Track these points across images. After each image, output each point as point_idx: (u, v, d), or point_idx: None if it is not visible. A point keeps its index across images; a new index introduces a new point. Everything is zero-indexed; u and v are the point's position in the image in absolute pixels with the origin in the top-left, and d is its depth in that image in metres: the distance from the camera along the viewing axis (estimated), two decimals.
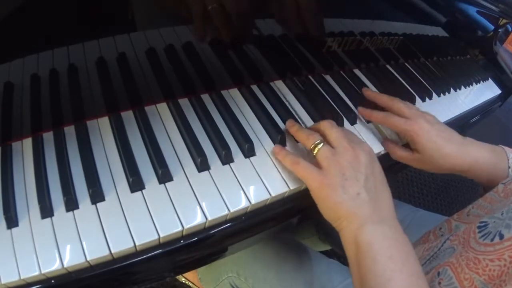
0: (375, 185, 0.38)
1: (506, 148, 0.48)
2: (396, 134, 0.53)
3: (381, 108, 0.52)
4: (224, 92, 0.49)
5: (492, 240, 0.34)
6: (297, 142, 0.46)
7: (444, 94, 0.71)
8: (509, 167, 0.47)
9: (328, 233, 0.74)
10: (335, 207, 0.36)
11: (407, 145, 0.49)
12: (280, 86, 0.54)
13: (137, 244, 0.33)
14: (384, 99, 0.52)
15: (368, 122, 0.54)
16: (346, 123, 0.52)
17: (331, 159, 0.38)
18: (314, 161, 0.40)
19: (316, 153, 0.39)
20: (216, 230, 0.38)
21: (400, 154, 0.48)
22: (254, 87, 0.51)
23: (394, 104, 0.49)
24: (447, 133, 0.46)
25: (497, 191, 0.44)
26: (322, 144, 0.39)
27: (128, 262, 0.34)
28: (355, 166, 0.38)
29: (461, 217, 0.47)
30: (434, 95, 0.68)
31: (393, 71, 0.69)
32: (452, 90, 0.74)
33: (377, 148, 0.50)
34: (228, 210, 0.37)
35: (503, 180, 0.45)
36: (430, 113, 0.49)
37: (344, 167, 0.37)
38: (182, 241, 0.36)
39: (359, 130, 0.52)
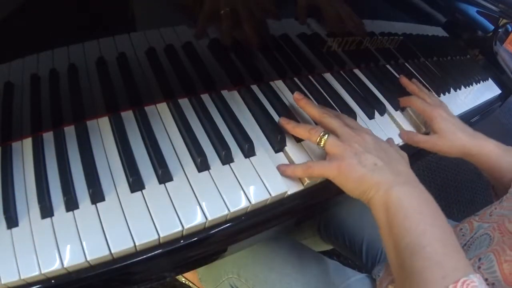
0: (387, 154, 0.41)
1: None
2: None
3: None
4: (224, 92, 0.49)
5: None
6: (297, 141, 0.46)
7: (444, 94, 0.71)
8: None
9: (330, 233, 0.74)
10: (359, 182, 0.38)
11: None
12: (280, 86, 0.54)
13: (137, 244, 0.33)
14: (414, 88, 0.61)
15: (371, 118, 0.55)
16: None
17: (340, 145, 0.40)
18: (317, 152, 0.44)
19: (324, 144, 0.41)
20: (216, 230, 0.38)
21: (418, 138, 0.54)
22: (254, 87, 0.51)
23: (420, 94, 0.59)
24: (461, 123, 0.55)
25: None
26: (327, 135, 0.41)
27: (128, 262, 0.34)
28: (363, 144, 0.40)
29: (483, 218, 0.48)
30: (434, 95, 0.68)
31: (393, 71, 0.69)
32: (452, 90, 0.74)
33: None
34: (228, 210, 0.37)
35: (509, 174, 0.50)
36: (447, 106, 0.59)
37: (355, 147, 0.40)
38: (182, 241, 0.36)
39: None
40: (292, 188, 0.42)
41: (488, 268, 0.38)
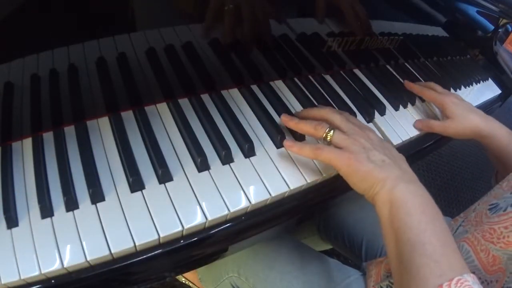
0: (391, 153, 0.41)
1: None
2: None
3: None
4: (224, 92, 0.49)
5: (504, 210, 0.39)
6: (298, 140, 0.46)
7: None
8: None
9: (329, 232, 0.74)
10: (367, 176, 0.38)
11: None
12: (280, 86, 0.54)
13: (137, 244, 0.33)
14: (418, 89, 0.62)
15: (371, 119, 0.55)
16: None
17: (348, 139, 0.41)
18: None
19: (330, 139, 0.41)
20: (216, 230, 0.38)
21: (432, 123, 0.58)
22: (254, 87, 0.51)
23: (429, 85, 0.63)
24: (472, 106, 0.58)
25: (502, 187, 0.48)
26: (332, 130, 0.42)
27: (128, 262, 0.34)
28: (369, 141, 0.41)
29: (466, 215, 0.49)
30: None
31: (393, 71, 0.69)
32: (452, 90, 0.74)
33: None
34: (228, 210, 0.37)
35: None
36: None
37: (362, 143, 0.40)
38: (182, 241, 0.36)
39: None
40: (292, 188, 0.42)
41: (466, 258, 0.40)
